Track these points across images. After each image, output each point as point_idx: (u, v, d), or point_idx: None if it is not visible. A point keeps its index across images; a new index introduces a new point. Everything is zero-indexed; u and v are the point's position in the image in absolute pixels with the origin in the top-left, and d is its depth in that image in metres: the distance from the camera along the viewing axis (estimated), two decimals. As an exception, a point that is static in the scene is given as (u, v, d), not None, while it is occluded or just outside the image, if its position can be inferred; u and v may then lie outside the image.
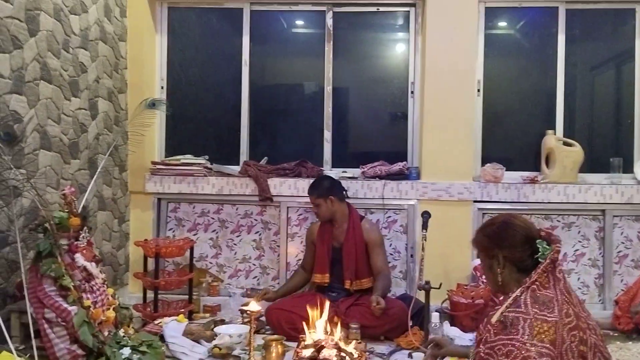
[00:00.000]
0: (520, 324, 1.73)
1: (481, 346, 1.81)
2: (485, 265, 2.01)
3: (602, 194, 4.15)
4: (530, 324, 1.73)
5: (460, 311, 3.77)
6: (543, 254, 1.87)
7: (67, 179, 3.52)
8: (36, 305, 2.71)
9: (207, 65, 4.71)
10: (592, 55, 4.55)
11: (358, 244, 3.84)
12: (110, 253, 4.16)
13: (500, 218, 2.01)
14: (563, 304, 1.78)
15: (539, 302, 1.78)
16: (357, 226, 3.87)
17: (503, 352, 1.71)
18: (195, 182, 4.34)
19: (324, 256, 3.90)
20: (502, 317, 1.79)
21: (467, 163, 4.22)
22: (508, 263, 1.92)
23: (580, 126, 4.53)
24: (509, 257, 1.92)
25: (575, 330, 1.74)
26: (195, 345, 3.32)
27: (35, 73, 3.15)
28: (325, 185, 3.90)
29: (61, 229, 2.86)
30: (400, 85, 4.51)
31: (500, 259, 1.93)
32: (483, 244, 2.01)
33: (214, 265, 4.47)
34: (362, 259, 3.83)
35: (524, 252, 1.90)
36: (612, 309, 3.96)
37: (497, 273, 1.94)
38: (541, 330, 1.71)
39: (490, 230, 2.00)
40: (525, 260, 1.90)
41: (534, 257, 1.89)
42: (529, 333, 1.71)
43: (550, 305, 1.77)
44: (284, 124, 4.69)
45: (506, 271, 1.93)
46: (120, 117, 4.27)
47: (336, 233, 3.91)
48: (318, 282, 3.90)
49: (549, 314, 1.75)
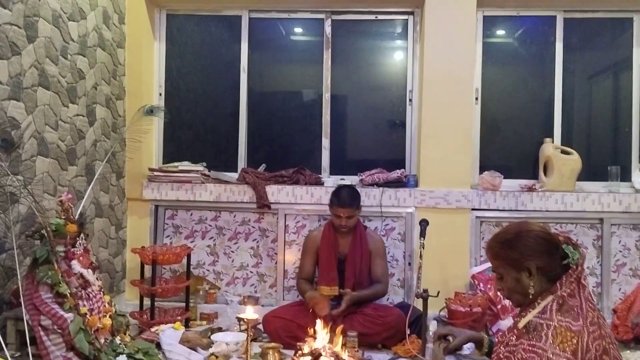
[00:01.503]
0: (543, 331, 1.70)
1: (502, 347, 1.79)
2: (511, 278, 1.88)
3: (600, 203, 4.15)
4: (553, 331, 1.69)
5: (458, 319, 3.76)
6: (573, 259, 1.81)
7: (64, 185, 3.51)
8: (32, 312, 2.69)
9: (205, 72, 4.72)
10: (590, 64, 4.57)
11: (364, 254, 3.82)
12: (107, 260, 4.15)
13: (515, 227, 1.90)
14: (588, 311, 1.74)
15: (563, 310, 1.74)
16: (364, 236, 3.86)
17: (523, 358, 1.68)
18: (192, 189, 4.33)
19: (331, 267, 3.82)
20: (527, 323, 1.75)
21: (465, 171, 4.22)
22: (539, 273, 1.82)
23: (578, 134, 4.54)
24: (541, 266, 1.82)
25: (599, 339, 1.70)
26: (192, 353, 3.30)
27: (33, 79, 3.15)
28: (357, 195, 3.85)
29: (58, 235, 2.85)
30: (399, 93, 4.51)
31: (532, 270, 1.82)
32: (507, 257, 1.88)
33: (211, 272, 4.46)
34: (365, 270, 3.81)
35: (554, 260, 1.83)
36: (611, 317, 3.96)
37: (528, 285, 1.83)
38: (564, 340, 1.67)
39: (509, 241, 1.88)
40: (556, 268, 1.82)
41: (562, 264, 1.82)
42: (552, 341, 1.67)
43: (574, 314, 1.73)
44: (282, 131, 4.69)
45: (537, 281, 1.83)
46: (118, 124, 4.27)
47: (341, 243, 3.88)
48: (326, 295, 3.77)
49: (573, 322, 1.71)
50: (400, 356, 3.44)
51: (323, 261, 3.87)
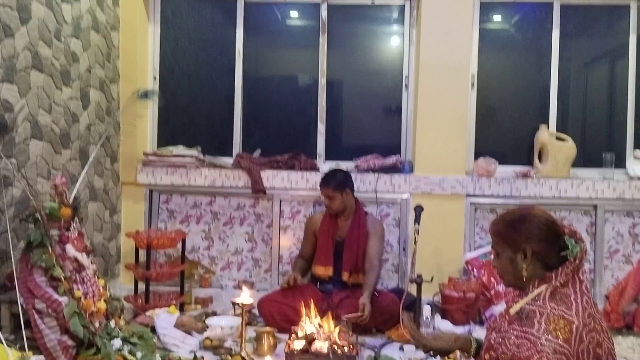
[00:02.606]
0: (536, 318, 1.70)
1: (493, 333, 1.79)
2: (505, 257, 1.89)
3: (594, 189, 4.17)
4: (547, 318, 1.68)
5: (452, 305, 3.79)
6: (572, 252, 1.80)
7: (58, 169, 3.49)
8: (26, 296, 2.69)
9: (200, 56, 4.68)
10: (586, 51, 4.56)
11: (361, 238, 3.83)
12: (102, 244, 4.14)
13: (523, 210, 1.90)
14: (584, 303, 1.74)
15: (556, 298, 1.74)
16: (363, 220, 3.87)
17: (515, 344, 1.68)
18: (187, 174, 4.32)
19: (328, 249, 3.88)
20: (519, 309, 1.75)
21: (460, 157, 4.22)
22: (534, 257, 1.82)
23: (573, 121, 4.55)
24: (537, 251, 1.82)
25: (593, 332, 1.69)
26: (186, 337, 3.31)
27: (26, 62, 3.11)
28: (341, 177, 3.88)
29: (52, 219, 2.84)
30: (395, 79, 4.50)
31: (527, 253, 1.82)
32: (507, 235, 1.88)
33: (206, 257, 4.46)
34: (362, 253, 3.82)
35: (553, 248, 1.82)
36: (603, 303, 3.99)
37: (521, 267, 1.84)
38: (557, 327, 1.66)
39: (513, 221, 1.88)
40: (552, 257, 1.82)
41: (559, 254, 1.82)
42: (544, 328, 1.66)
43: (568, 303, 1.72)
44: (278, 116, 4.66)
45: (531, 266, 1.83)
46: (112, 107, 4.24)
47: (340, 226, 3.90)
48: (320, 275, 3.87)
49: (566, 311, 1.70)
50: (394, 340, 3.46)
51: (320, 243, 3.92)
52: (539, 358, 1.62)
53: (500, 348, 1.71)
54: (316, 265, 3.90)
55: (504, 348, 1.70)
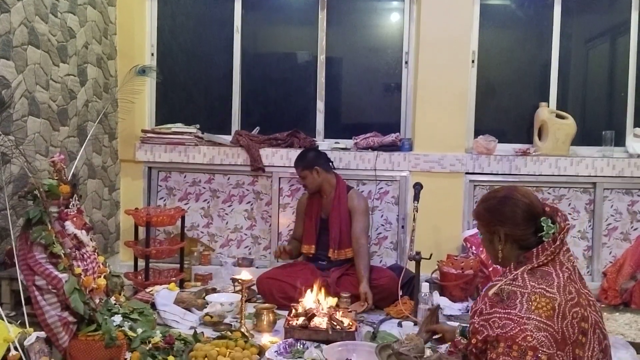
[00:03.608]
0: (518, 299, 1.71)
1: (476, 317, 1.79)
2: (486, 239, 1.95)
3: (594, 167, 4.16)
4: (528, 298, 1.70)
5: (450, 281, 3.81)
6: (547, 233, 1.82)
7: (56, 146, 3.47)
8: (26, 273, 2.69)
9: (198, 32, 4.63)
10: (588, 28, 4.52)
11: (342, 213, 3.83)
12: (101, 221, 4.14)
13: (503, 192, 1.92)
14: (565, 280, 1.75)
15: (536, 276, 1.76)
16: (343, 196, 3.86)
17: (499, 325, 1.69)
18: (186, 151, 4.31)
19: (311, 228, 3.91)
20: (498, 290, 1.76)
21: (460, 135, 4.21)
22: (509, 240, 1.86)
23: (573, 99, 4.53)
24: (510, 234, 1.85)
25: (577, 307, 1.71)
26: (186, 313, 3.33)
27: (23, 38, 3.08)
28: (310, 156, 3.88)
29: (51, 196, 2.83)
30: (395, 55, 4.46)
31: (501, 235, 1.87)
32: (484, 218, 1.93)
33: (205, 234, 4.47)
34: (346, 230, 3.81)
35: (527, 230, 1.84)
36: (600, 280, 4.02)
37: (497, 249, 1.89)
38: (539, 305, 1.68)
39: (491, 204, 1.91)
40: (528, 239, 1.84)
41: (537, 235, 1.83)
42: (527, 307, 1.68)
43: (549, 280, 1.74)
44: (277, 93, 4.63)
45: (507, 247, 1.87)
46: (110, 84, 4.21)
47: (324, 204, 3.91)
48: (305, 253, 3.93)
49: (547, 289, 1.72)
50: (392, 317, 3.48)
51: (306, 222, 3.96)
52: (524, 337, 1.64)
53: (484, 331, 1.73)
54: (302, 244, 3.95)
55: (488, 330, 1.71)
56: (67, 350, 2.66)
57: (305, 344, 2.92)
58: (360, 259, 3.68)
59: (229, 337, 2.76)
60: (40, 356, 2.46)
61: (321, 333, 2.97)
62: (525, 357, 1.63)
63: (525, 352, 1.63)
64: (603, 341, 1.77)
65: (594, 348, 1.72)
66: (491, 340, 1.70)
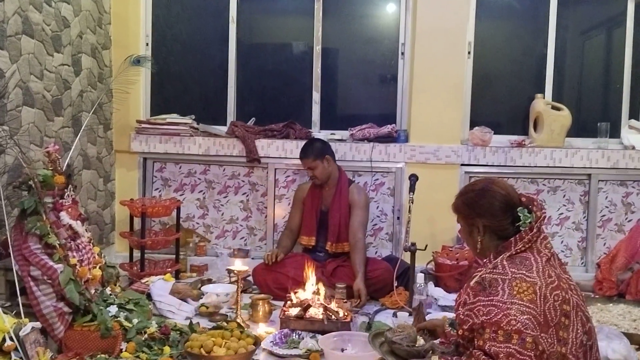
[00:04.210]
0: (499, 285, 1.75)
1: (460, 308, 1.84)
2: (465, 230, 2.01)
3: (589, 159, 4.17)
4: (509, 284, 1.74)
5: (445, 272, 3.82)
6: (524, 223, 1.87)
7: (51, 136, 3.46)
8: (21, 263, 2.69)
9: (193, 23, 4.60)
10: (584, 19, 4.52)
11: (343, 207, 3.84)
12: (96, 212, 4.13)
13: (480, 184, 1.98)
14: (543, 264, 1.80)
15: (516, 263, 1.80)
16: (345, 189, 3.87)
17: (483, 312, 1.73)
18: (181, 142, 4.29)
19: (312, 219, 3.91)
20: (480, 279, 1.80)
21: (455, 126, 4.21)
22: (487, 231, 1.92)
23: (569, 90, 4.53)
24: (489, 225, 1.91)
25: (557, 290, 1.75)
26: (182, 304, 3.34)
27: (16, 27, 3.05)
28: (318, 146, 3.87)
29: (46, 186, 2.83)
30: (391, 46, 4.44)
31: (480, 227, 1.92)
32: (462, 211, 1.99)
33: (201, 225, 4.47)
34: (345, 223, 3.82)
35: (504, 220, 1.90)
36: (594, 271, 4.04)
37: (477, 239, 1.94)
38: (520, 290, 1.72)
39: (469, 197, 1.97)
40: (506, 229, 1.89)
41: (514, 225, 1.88)
42: (508, 293, 1.72)
43: (528, 265, 1.79)
44: (272, 84, 4.61)
45: (486, 238, 1.93)
46: (105, 74, 4.19)
47: (325, 196, 3.91)
48: (304, 244, 3.93)
49: (527, 273, 1.76)
50: (387, 307, 3.50)
51: (306, 213, 3.95)
52: (508, 321, 1.68)
53: (470, 320, 1.77)
54: (302, 236, 3.95)
55: (474, 319, 1.75)
56: (63, 341, 2.66)
57: (301, 334, 2.94)
58: (356, 253, 3.67)
59: (224, 328, 2.76)
60: (35, 346, 2.46)
61: (317, 323, 2.98)
62: (511, 340, 1.66)
63: (511, 335, 1.67)
64: (586, 324, 1.81)
65: (578, 330, 1.76)
66: (477, 328, 1.74)
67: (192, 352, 2.54)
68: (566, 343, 1.72)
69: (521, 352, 1.64)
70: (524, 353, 1.64)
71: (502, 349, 1.66)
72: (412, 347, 2.06)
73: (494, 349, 1.67)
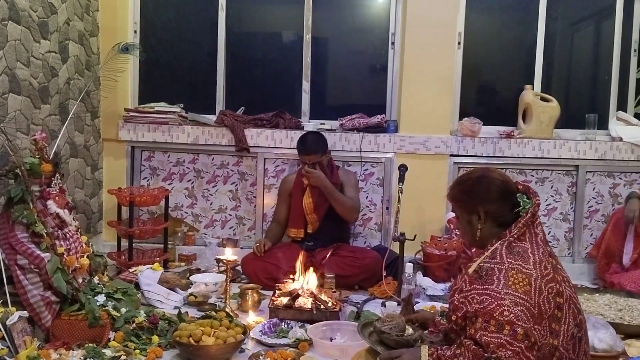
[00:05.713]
0: (495, 275, 1.76)
1: (456, 295, 1.85)
2: (463, 220, 2.00)
3: (577, 150, 4.20)
4: (505, 274, 1.75)
5: (433, 262, 3.84)
6: (524, 208, 1.88)
7: (38, 124, 3.42)
8: (8, 252, 2.66)
9: (182, 10, 4.55)
10: (573, 11, 4.53)
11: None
12: (84, 201, 4.10)
13: (477, 172, 1.99)
14: (540, 256, 1.81)
15: (513, 253, 1.81)
16: (335, 174, 3.89)
17: (477, 301, 1.74)
18: (169, 131, 4.26)
19: (300, 211, 3.89)
20: (477, 267, 1.81)
21: (445, 117, 4.22)
22: (488, 218, 1.92)
23: (558, 82, 4.55)
24: (490, 212, 1.91)
25: (552, 282, 1.76)
26: (170, 293, 3.33)
27: (2, 13, 3.00)
28: (323, 140, 3.85)
29: (32, 175, 2.80)
30: (381, 36, 4.43)
31: (481, 214, 1.92)
32: (461, 199, 1.99)
33: (190, 215, 4.45)
34: None
35: (505, 207, 1.90)
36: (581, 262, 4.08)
37: (476, 228, 1.94)
38: (516, 281, 1.73)
39: (467, 185, 1.98)
40: (505, 215, 1.90)
41: (513, 211, 1.89)
42: (504, 283, 1.73)
43: (525, 257, 1.79)
44: (262, 73, 4.59)
45: (486, 226, 1.93)
46: (92, 62, 4.14)
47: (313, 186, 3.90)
48: (292, 237, 3.92)
49: (524, 264, 1.77)
50: (376, 297, 3.51)
51: (294, 205, 3.93)
52: (501, 312, 1.69)
53: (464, 307, 1.78)
54: (290, 228, 3.93)
55: (467, 307, 1.77)
56: (50, 330, 2.65)
57: (290, 323, 2.94)
58: None
59: (213, 317, 2.76)
60: (22, 335, 2.44)
61: (305, 313, 2.98)
62: (502, 331, 1.67)
63: (503, 326, 1.68)
64: (578, 316, 1.82)
65: (569, 322, 1.78)
66: (470, 316, 1.75)
67: (180, 341, 2.54)
68: (558, 335, 1.74)
69: (512, 343, 1.66)
70: (514, 344, 1.65)
71: (493, 339, 1.67)
72: (401, 336, 2.07)
73: (485, 338, 1.68)
